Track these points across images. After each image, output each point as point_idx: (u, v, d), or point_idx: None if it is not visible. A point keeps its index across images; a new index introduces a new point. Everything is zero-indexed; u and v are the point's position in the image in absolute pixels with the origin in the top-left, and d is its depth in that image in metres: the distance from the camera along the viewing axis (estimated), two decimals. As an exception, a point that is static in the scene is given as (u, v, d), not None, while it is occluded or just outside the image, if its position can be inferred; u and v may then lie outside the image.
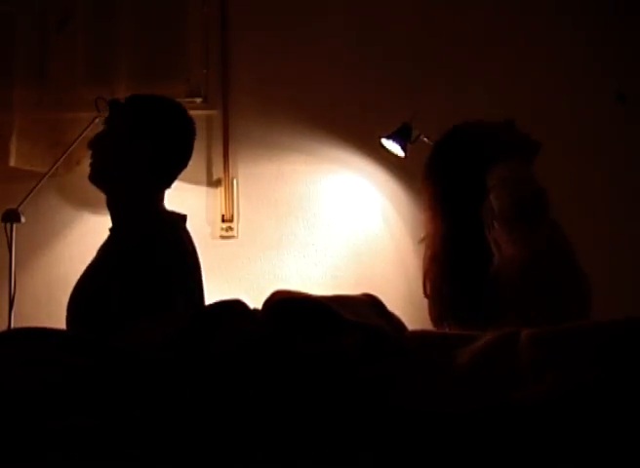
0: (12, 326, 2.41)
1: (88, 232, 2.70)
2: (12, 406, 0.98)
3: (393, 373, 1.09)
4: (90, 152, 1.95)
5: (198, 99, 2.76)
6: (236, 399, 0.99)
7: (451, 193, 1.85)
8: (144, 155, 1.89)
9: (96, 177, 1.93)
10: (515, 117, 2.00)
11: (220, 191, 2.72)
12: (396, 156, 2.49)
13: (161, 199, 1.94)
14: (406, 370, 1.11)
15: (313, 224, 2.71)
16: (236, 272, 2.66)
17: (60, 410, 0.98)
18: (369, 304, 1.30)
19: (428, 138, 2.23)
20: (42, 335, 1.11)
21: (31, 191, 2.53)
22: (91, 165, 1.94)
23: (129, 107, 1.96)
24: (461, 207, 1.82)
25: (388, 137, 2.48)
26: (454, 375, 1.13)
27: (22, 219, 2.50)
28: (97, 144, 1.94)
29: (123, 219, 1.90)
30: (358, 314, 1.19)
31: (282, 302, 1.15)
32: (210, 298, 1.79)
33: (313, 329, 1.10)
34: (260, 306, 1.26)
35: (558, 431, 1.02)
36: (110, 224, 1.93)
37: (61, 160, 2.59)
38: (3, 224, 2.47)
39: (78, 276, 2.22)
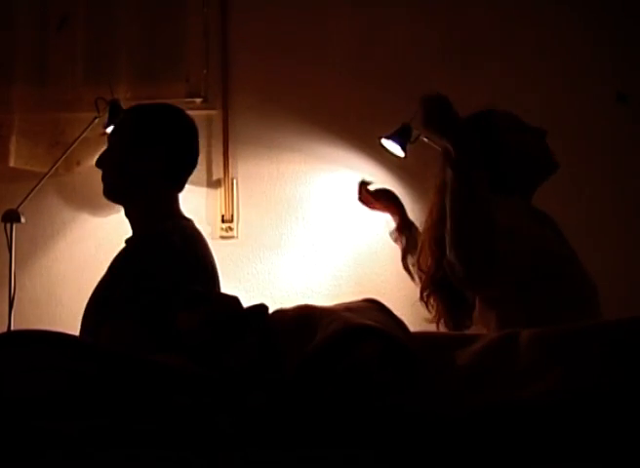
0: (12, 326, 2.41)
1: (88, 232, 2.70)
2: (16, 410, 0.99)
3: (403, 377, 1.11)
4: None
5: (198, 100, 2.75)
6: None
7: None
8: (154, 163, 1.92)
9: (110, 193, 1.97)
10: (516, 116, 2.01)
11: (219, 191, 2.71)
12: (396, 156, 2.49)
13: (177, 203, 1.98)
14: (412, 373, 1.13)
15: (313, 224, 2.71)
16: (236, 272, 2.66)
17: (65, 414, 0.98)
18: (375, 310, 1.31)
19: (428, 139, 2.23)
20: (46, 340, 1.12)
21: (31, 191, 2.53)
22: (103, 181, 1.97)
23: (130, 119, 1.98)
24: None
25: (388, 138, 2.47)
26: (455, 376, 1.14)
27: (22, 219, 2.50)
28: (104, 161, 1.97)
29: (145, 226, 1.92)
30: (371, 321, 1.22)
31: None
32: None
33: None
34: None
35: (559, 431, 1.02)
36: (127, 233, 1.96)
37: (61, 160, 2.59)
38: (3, 224, 2.47)
39: (78, 276, 2.22)
